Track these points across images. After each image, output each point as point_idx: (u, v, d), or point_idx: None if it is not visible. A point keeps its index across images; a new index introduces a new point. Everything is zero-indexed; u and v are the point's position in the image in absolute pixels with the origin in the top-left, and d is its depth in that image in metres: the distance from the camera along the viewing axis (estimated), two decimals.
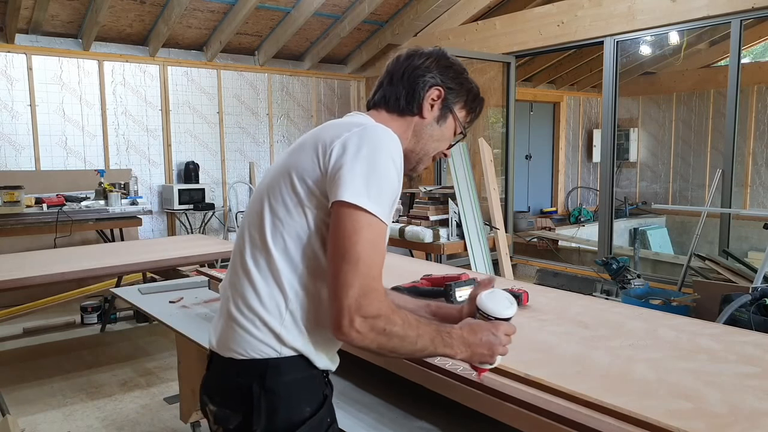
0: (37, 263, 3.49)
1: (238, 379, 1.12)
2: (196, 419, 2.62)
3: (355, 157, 1.05)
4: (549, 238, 7.68)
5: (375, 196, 1.02)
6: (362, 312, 0.99)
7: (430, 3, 6.40)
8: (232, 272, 1.18)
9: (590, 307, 1.89)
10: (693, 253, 4.58)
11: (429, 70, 1.24)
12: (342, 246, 1.01)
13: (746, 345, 1.47)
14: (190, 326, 2.21)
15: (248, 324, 1.11)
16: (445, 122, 1.27)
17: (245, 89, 6.91)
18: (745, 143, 8.00)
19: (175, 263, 3.76)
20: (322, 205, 1.08)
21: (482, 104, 1.32)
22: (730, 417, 1.08)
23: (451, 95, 1.26)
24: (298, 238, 1.09)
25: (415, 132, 1.26)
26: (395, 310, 1.04)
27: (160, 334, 4.49)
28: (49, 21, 5.48)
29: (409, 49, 1.29)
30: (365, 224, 1.01)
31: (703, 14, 4.63)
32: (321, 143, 1.10)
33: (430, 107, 1.24)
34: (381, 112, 1.25)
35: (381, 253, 1.04)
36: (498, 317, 1.14)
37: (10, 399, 3.33)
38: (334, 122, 1.18)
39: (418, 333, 1.06)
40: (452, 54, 1.30)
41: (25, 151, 5.57)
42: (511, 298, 1.18)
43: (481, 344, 1.12)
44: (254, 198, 1.20)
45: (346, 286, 1.00)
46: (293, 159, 1.14)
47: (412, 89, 1.23)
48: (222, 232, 6.76)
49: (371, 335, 1.01)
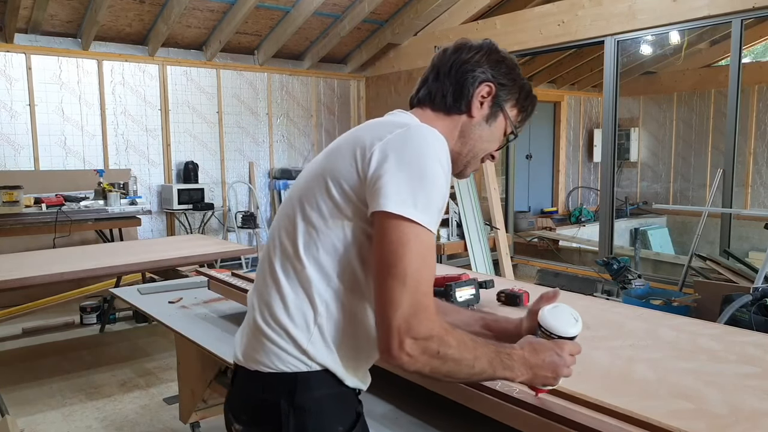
0: (36, 263, 3.48)
1: (265, 394, 1.04)
2: (195, 420, 2.61)
3: (399, 162, 0.95)
4: (549, 238, 7.67)
5: (423, 205, 0.93)
6: (413, 333, 0.91)
7: (431, 2, 6.39)
8: (261, 280, 1.11)
9: (591, 308, 1.88)
10: (694, 253, 4.57)
11: (479, 65, 1.13)
12: (388, 261, 0.93)
13: (747, 345, 1.47)
14: (190, 326, 2.20)
15: (275, 336, 1.03)
16: (495, 121, 1.16)
17: (245, 89, 6.91)
18: (746, 143, 7.98)
19: (174, 263, 3.75)
20: (360, 214, 1.00)
21: (535, 102, 1.21)
22: (730, 417, 1.07)
23: (503, 92, 1.15)
24: (333, 248, 1.01)
25: (462, 132, 1.15)
26: (449, 330, 0.95)
27: (159, 334, 4.48)
28: (49, 20, 5.47)
29: (456, 42, 1.18)
30: (413, 236, 0.93)
31: (703, 14, 4.62)
32: (359, 146, 1.00)
33: (479, 105, 1.14)
34: (425, 111, 1.15)
35: (431, 267, 0.96)
36: (562, 336, 1.06)
37: (9, 399, 3.32)
38: (374, 122, 1.09)
39: (476, 355, 0.97)
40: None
41: (24, 151, 5.57)
42: (576, 314, 1.09)
43: (544, 366, 1.03)
44: (286, 202, 1.11)
45: (393, 304, 0.91)
46: (329, 162, 1.05)
47: (461, 85, 1.13)
48: (221, 232, 6.75)
49: (423, 358, 0.93)
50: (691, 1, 4.66)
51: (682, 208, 8.96)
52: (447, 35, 6.56)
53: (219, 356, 1.89)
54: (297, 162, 7.41)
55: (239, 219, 6.69)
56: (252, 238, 6.96)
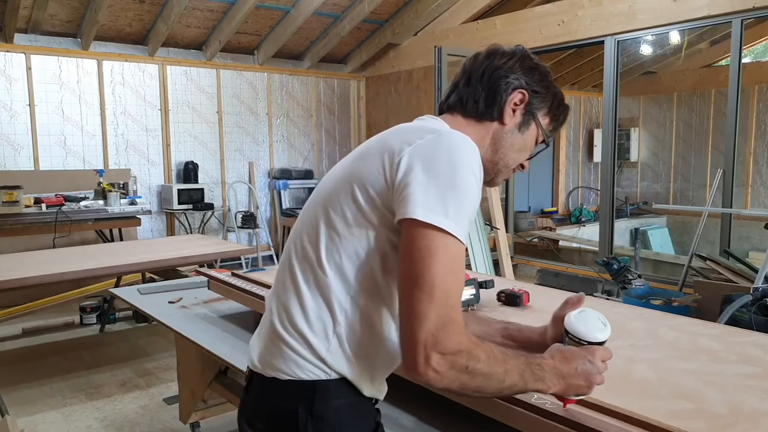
0: (35, 263, 3.48)
1: (282, 402, 1.01)
2: (195, 420, 2.61)
3: (429, 168, 0.92)
4: (550, 238, 7.67)
5: (453, 214, 0.90)
6: (440, 348, 0.87)
7: (431, 2, 6.39)
8: (280, 283, 1.08)
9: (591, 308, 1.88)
10: (694, 253, 4.57)
11: (512, 71, 1.10)
12: (415, 271, 0.89)
13: (747, 345, 1.47)
14: (190, 326, 2.20)
15: (294, 342, 1.01)
16: (527, 130, 1.13)
17: (245, 89, 6.91)
18: (746, 143, 7.98)
19: (174, 263, 3.75)
20: (385, 221, 0.96)
21: (567, 112, 1.18)
22: (730, 417, 1.07)
23: (536, 100, 1.12)
24: (355, 256, 0.98)
25: (493, 140, 1.12)
26: (478, 344, 0.91)
27: (159, 334, 4.48)
28: (48, 20, 5.47)
29: (489, 47, 1.15)
30: (441, 246, 0.89)
31: (703, 14, 4.62)
32: (388, 151, 0.98)
33: (512, 112, 1.11)
34: (456, 117, 1.12)
35: (459, 278, 0.92)
36: (591, 341, 1.02)
37: (9, 399, 3.32)
38: (404, 127, 1.07)
39: (506, 368, 0.93)
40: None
41: (24, 151, 5.57)
42: (603, 319, 1.05)
43: (577, 375, 0.99)
44: (310, 205, 1.08)
45: (420, 317, 0.87)
46: (356, 167, 1.02)
47: (493, 92, 1.10)
48: (221, 232, 6.75)
49: (451, 374, 0.88)
50: (691, 1, 4.66)
51: (682, 208, 8.96)
52: (447, 35, 6.56)
53: (219, 356, 1.89)
54: (297, 162, 7.42)
55: (239, 219, 6.69)
56: (252, 238, 6.96)
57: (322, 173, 7.65)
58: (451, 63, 5.61)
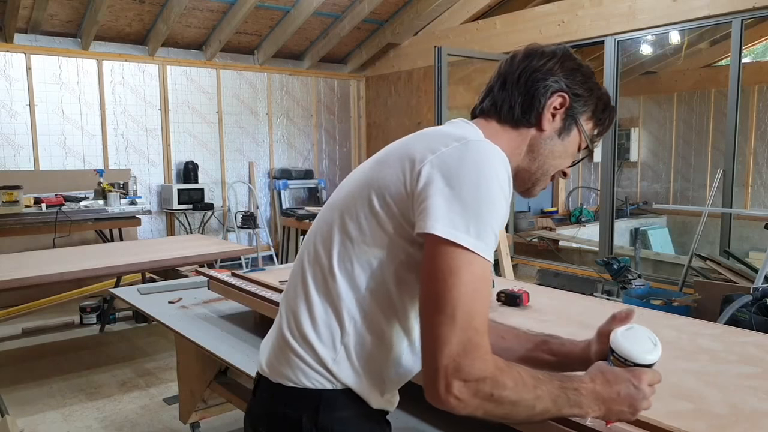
0: (35, 263, 3.48)
1: (287, 409, 0.98)
2: (195, 420, 2.61)
3: (452, 179, 0.86)
4: (550, 238, 7.66)
5: (477, 230, 0.84)
6: (462, 375, 0.82)
7: (431, 2, 6.39)
8: (291, 288, 1.05)
9: (591, 308, 1.88)
10: (694, 253, 4.56)
11: (551, 73, 1.03)
12: (435, 292, 0.84)
13: (747, 345, 1.47)
14: (189, 327, 2.20)
15: (300, 350, 0.98)
16: (568, 135, 1.05)
17: (245, 89, 6.91)
18: (746, 143, 7.98)
19: (174, 263, 3.75)
20: (402, 231, 0.92)
21: (613, 115, 1.10)
22: (731, 417, 1.07)
23: (578, 103, 1.04)
24: (368, 265, 0.94)
25: (531, 147, 1.05)
26: (504, 369, 0.85)
27: (159, 334, 4.48)
28: (48, 20, 5.47)
29: (527, 48, 1.08)
30: (464, 264, 0.83)
31: (704, 14, 4.62)
32: (409, 157, 0.92)
33: (551, 117, 1.03)
34: (490, 123, 1.05)
35: (484, 299, 0.86)
36: (638, 363, 0.92)
37: (9, 399, 3.32)
38: (430, 132, 1.00)
39: (536, 394, 0.86)
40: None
41: (24, 151, 5.57)
42: (654, 337, 0.96)
43: (619, 400, 0.90)
44: (327, 208, 1.04)
45: (440, 341, 0.82)
46: (375, 172, 0.97)
47: (531, 96, 1.02)
48: (221, 232, 6.75)
49: (475, 402, 0.83)
50: (691, 1, 4.66)
51: (682, 208, 8.96)
52: (447, 35, 6.56)
53: (219, 356, 1.89)
54: (297, 162, 7.41)
55: (239, 219, 6.69)
56: (252, 238, 6.96)
57: (322, 173, 7.65)
58: (451, 63, 5.61)
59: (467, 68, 6.49)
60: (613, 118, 1.11)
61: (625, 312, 1.01)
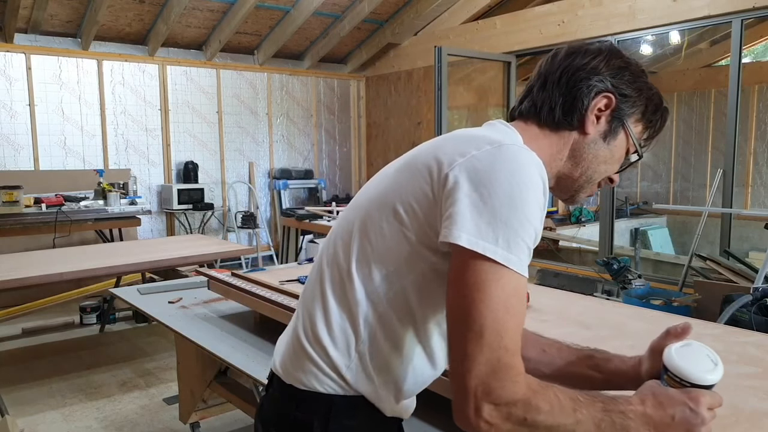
0: (35, 263, 3.48)
1: (297, 412, 0.96)
2: (195, 420, 2.61)
3: (481, 186, 0.80)
4: (550, 238, 7.66)
5: (507, 241, 0.78)
6: (493, 397, 0.76)
7: (431, 2, 6.39)
8: (309, 288, 1.01)
9: (591, 308, 1.88)
10: (694, 253, 4.56)
11: (595, 72, 0.95)
12: (462, 308, 0.79)
13: (747, 345, 1.47)
14: (189, 327, 2.20)
15: (314, 354, 0.95)
16: (614, 139, 0.98)
17: (245, 89, 6.91)
18: (746, 143, 7.98)
19: (174, 263, 3.75)
20: (425, 238, 0.86)
21: (666, 117, 1.02)
22: (731, 418, 1.07)
23: (625, 104, 0.96)
24: (386, 271, 0.90)
25: (573, 151, 0.98)
26: (539, 391, 0.79)
27: (159, 334, 4.48)
28: (48, 20, 5.47)
29: (570, 46, 1.00)
30: (493, 279, 0.78)
31: (703, 14, 4.62)
32: (437, 160, 0.86)
33: (595, 120, 0.96)
34: (529, 125, 0.98)
35: (517, 316, 0.79)
36: (696, 383, 0.83)
37: (9, 399, 3.32)
38: (462, 134, 0.93)
39: (576, 419, 0.79)
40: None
41: (24, 151, 5.57)
42: (713, 355, 0.87)
43: (673, 425, 0.81)
44: (352, 206, 1.00)
45: (469, 361, 0.77)
46: (401, 174, 0.92)
47: (572, 97, 0.95)
48: (221, 232, 6.75)
49: (507, 426, 0.77)
50: (691, 1, 4.66)
51: (682, 208, 8.96)
52: (447, 35, 6.56)
53: (219, 356, 1.89)
54: (297, 162, 7.41)
55: (239, 219, 6.69)
56: (252, 238, 6.96)
57: (322, 173, 7.65)
58: (451, 63, 5.61)
59: (467, 68, 6.49)
60: (666, 119, 1.02)
61: (681, 327, 0.93)
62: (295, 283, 2.18)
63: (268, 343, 1.97)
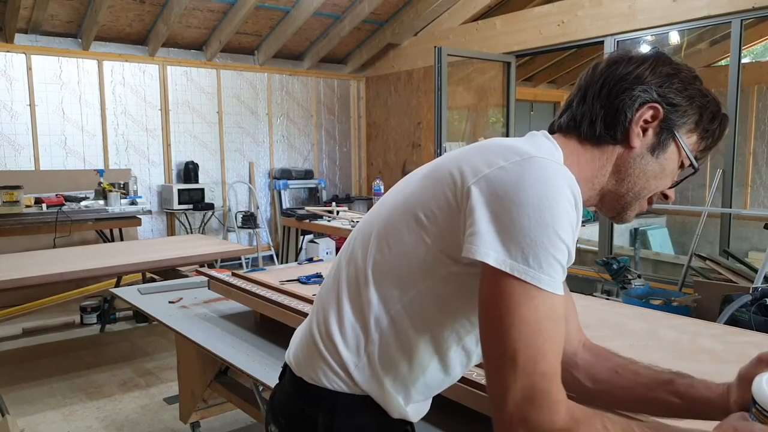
0: (36, 263, 3.48)
1: (304, 405, 0.97)
2: (195, 419, 2.61)
3: (508, 200, 0.75)
4: None
5: (537, 259, 0.74)
6: (530, 426, 0.72)
7: (431, 2, 6.39)
8: (327, 282, 1.01)
9: (591, 308, 1.88)
10: (693, 253, 4.56)
11: (640, 81, 0.89)
12: (493, 330, 0.75)
13: (747, 345, 1.47)
14: (190, 326, 2.20)
15: (324, 350, 0.95)
16: (664, 152, 0.91)
17: (245, 89, 6.91)
18: (746, 143, 7.98)
19: (174, 263, 3.75)
20: (444, 245, 0.83)
21: (725, 125, 0.94)
22: None
23: (675, 115, 0.89)
24: (402, 275, 0.88)
25: (617, 167, 0.91)
26: (583, 421, 0.73)
27: (159, 334, 4.48)
28: (49, 21, 5.47)
29: (612, 54, 0.94)
30: (523, 300, 0.73)
31: (703, 14, 4.62)
32: (461, 170, 0.82)
33: (641, 132, 0.89)
34: (570, 140, 0.92)
35: (553, 339, 0.74)
36: None
37: (9, 399, 3.32)
38: (491, 143, 0.87)
39: None
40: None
41: (25, 151, 5.57)
42: None
43: None
44: (378, 206, 0.99)
45: (503, 387, 0.73)
46: (427, 182, 0.89)
47: (614, 108, 0.89)
48: (221, 232, 6.75)
49: None
50: (691, 1, 4.66)
51: (682, 208, 8.94)
52: (447, 35, 6.56)
53: (219, 356, 1.89)
54: (297, 162, 7.42)
55: (239, 219, 6.69)
56: (252, 238, 6.96)
57: (322, 173, 7.66)
58: (450, 63, 5.61)
59: (467, 68, 6.49)
60: (725, 128, 0.95)
61: None
62: (295, 283, 2.18)
63: (269, 342, 1.98)
